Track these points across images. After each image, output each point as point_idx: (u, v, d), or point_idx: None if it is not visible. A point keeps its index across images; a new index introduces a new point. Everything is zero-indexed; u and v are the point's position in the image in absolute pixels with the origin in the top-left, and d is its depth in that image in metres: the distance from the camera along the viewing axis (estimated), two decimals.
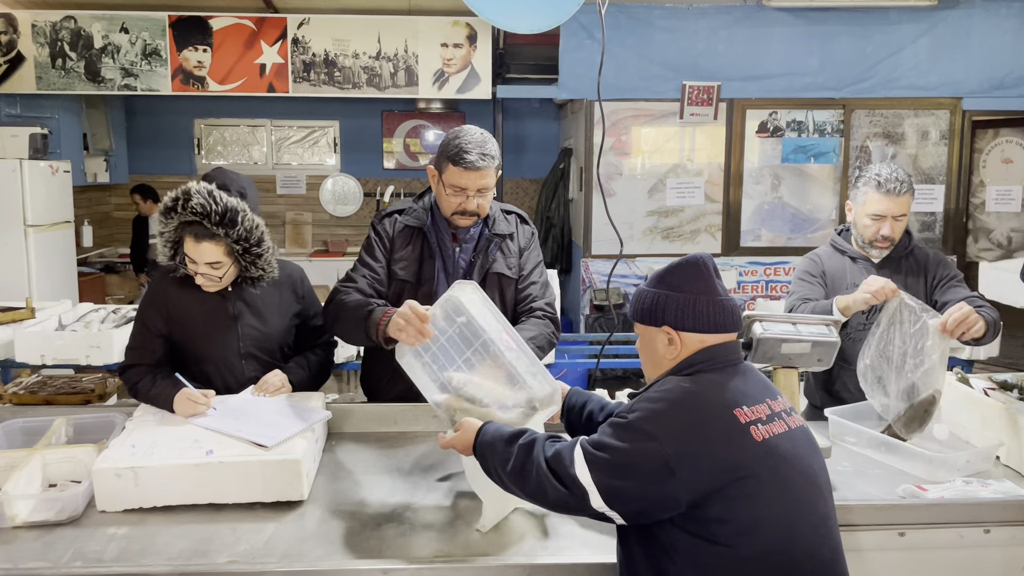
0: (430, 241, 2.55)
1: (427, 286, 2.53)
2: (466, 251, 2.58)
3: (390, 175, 8.60)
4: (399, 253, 2.56)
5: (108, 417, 2.41)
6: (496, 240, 2.58)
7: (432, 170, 2.52)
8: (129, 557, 1.79)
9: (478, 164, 2.39)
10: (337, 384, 6.67)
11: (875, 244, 2.80)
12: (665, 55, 6.35)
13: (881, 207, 2.75)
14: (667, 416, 1.55)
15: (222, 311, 2.49)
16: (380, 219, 2.62)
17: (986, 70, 6.36)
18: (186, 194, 2.35)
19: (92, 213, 7.95)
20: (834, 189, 6.63)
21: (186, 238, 2.38)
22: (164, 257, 2.45)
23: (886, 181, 2.74)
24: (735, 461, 1.52)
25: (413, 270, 2.54)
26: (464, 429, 1.81)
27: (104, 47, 6.33)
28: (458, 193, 2.44)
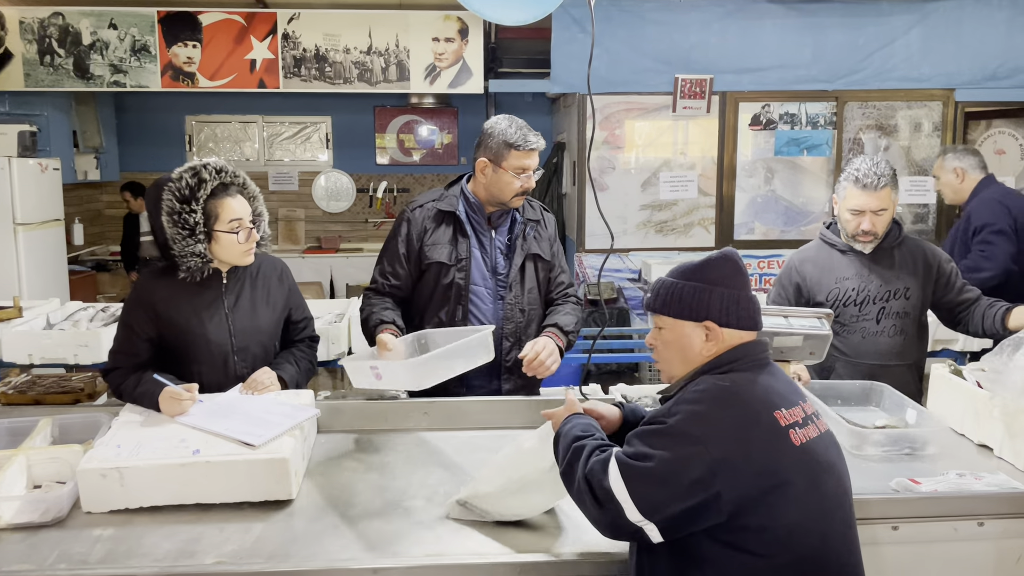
0: (463, 225, 2.72)
1: (463, 264, 2.71)
2: (501, 233, 2.78)
3: (383, 171, 8.57)
4: (431, 237, 2.73)
5: (94, 417, 2.38)
6: (532, 224, 2.79)
7: (484, 162, 2.68)
8: (115, 559, 1.77)
9: (539, 143, 2.68)
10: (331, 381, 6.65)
11: (857, 239, 2.80)
12: (657, 48, 6.32)
13: (859, 202, 2.75)
14: (710, 418, 1.49)
15: (215, 306, 2.46)
16: (412, 209, 2.78)
17: (978, 61, 6.35)
18: (193, 168, 2.39)
19: (83, 211, 7.90)
20: (827, 182, 6.62)
21: (224, 202, 2.39)
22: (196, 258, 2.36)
23: (864, 176, 2.74)
24: (776, 466, 1.48)
25: (447, 252, 2.71)
26: (567, 405, 1.81)
27: (93, 43, 6.28)
28: (520, 175, 2.65)
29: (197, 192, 2.36)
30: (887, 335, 2.81)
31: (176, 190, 2.36)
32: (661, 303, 1.69)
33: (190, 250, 2.36)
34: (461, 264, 2.70)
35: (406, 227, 2.75)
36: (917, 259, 2.86)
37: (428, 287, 2.74)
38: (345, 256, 7.99)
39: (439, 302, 2.72)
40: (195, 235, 2.35)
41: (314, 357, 2.71)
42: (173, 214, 2.35)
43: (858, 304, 2.81)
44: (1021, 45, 6.30)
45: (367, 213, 8.61)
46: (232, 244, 2.41)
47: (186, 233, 2.35)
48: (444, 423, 2.56)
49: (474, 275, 2.72)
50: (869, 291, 2.81)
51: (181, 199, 2.35)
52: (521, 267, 2.75)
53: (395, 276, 2.75)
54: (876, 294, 2.80)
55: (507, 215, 2.78)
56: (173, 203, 2.35)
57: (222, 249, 2.41)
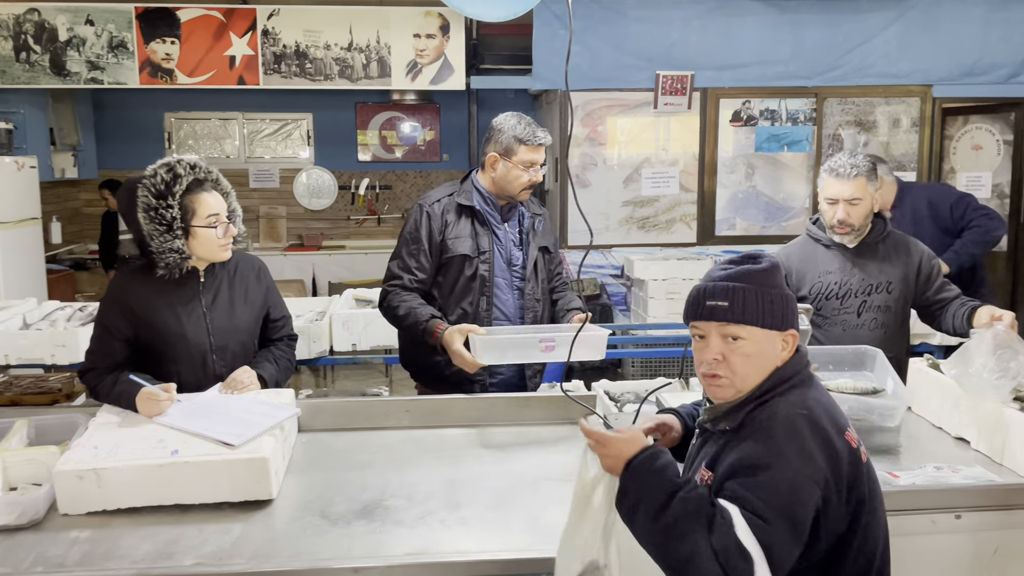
0: (481, 218, 2.80)
1: (486, 256, 2.79)
2: (512, 226, 2.87)
3: (365, 168, 8.53)
4: (454, 230, 2.79)
5: (71, 418, 2.36)
6: (539, 217, 2.92)
7: (494, 156, 2.77)
8: (93, 561, 1.75)
9: (546, 139, 2.77)
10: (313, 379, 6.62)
11: (835, 229, 2.85)
12: (639, 45, 6.33)
13: (833, 191, 2.83)
14: (812, 455, 1.43)
15: (192, 304, 2.44)
16: (430, 203, 2.83)
17: (955, 57, 6.41)
18: (167, 164, 2.37)
19: (60, 209, 7.81)
20: (807, 177, 6.66)
21: (200, 197, 2.38)
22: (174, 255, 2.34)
23: (838, 166, 2.82)
24: (860, 487, 1.49)
25: (470, 244, 2.78)
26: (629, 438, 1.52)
27: (69, 40, 6.20)
28: (528, 169, 2.74)
29: (173, 187, 2.33)
30: (867, 328, 2.84)
31: (151, 186, 2.33)
32: (748, 313, 1.53)
33: (168, 246, 2.33)
34: (484, 256, 2.78)
35: (426, 221, 2.79)
36: (901, 254, 2.89)
37: (450, 280, 2.80)
38: (327, 254, 7.95)
39: (461, 294, 2.78)
40: (172, 231, 2.33)
41: (293, 356, 2.69)
42: (149, 210, 2.33)
43: (839, 297, 2.85)
44: (997, 41, 6.36)
45: (349, 210, 8.57)
46: (211, 239, 2.39)
47: (163, 229, 2.33)
48: (425, 421, 2.55)
49: (495, 267, 2.81)
50: (851, 285, 2.85)
51: (157, 195, 2.33)
52: (535, 259, 2.87)
53: (420, 270, 2.78)
54: (858, 288, 2.84)
55: (515, 209, 2.87)
56: (149, 199, 2.33)
57: (200, 245, 2.39)
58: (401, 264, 2.80)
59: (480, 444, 2.42)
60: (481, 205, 2.82)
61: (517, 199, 2.82)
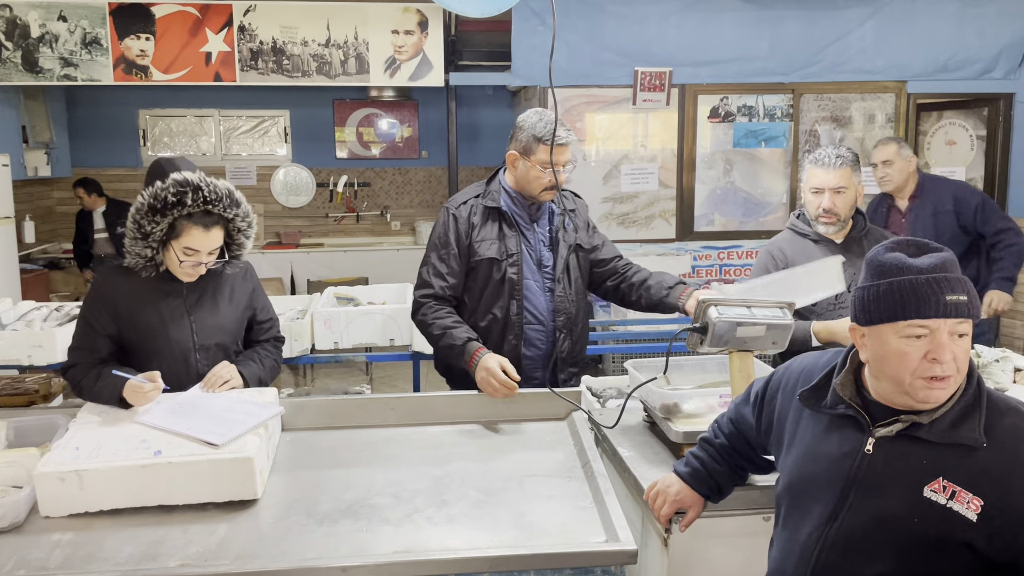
0: (508, 219, 2.75)
1: (514, 259, 2.73)
2: (542, 226, 2.80)
3: (343, 165, 8.49)
4: (480, 233, 2.74)
5: (51, 419, 2.33)
6: (570, 214, 2.83)
7: (514, 155, 2.72)
8: (75, 564, 1.73)
9: (568, 139, 2.67)
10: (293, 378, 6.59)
11: (820, 220, 2.88)
12: (617, 41, 6.34)
13: (818, 180, 2.86)
14: None
15: (176, 303, 2.42)
16: (456, 206, 2.78)
17: (930, 53, 6.48)
18: (185, 185, 2.29)
19: (33, 208, 7.71)
20: (784, 173, 6.71)
21: (190, 229, 2.31)
22: (141, 259, 2.33)
23: (822, 155, 2.87)
24: None
25: (497, 248, 2.72)
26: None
27: (42, 36, 6.11)
28: (548, 169, 2.65)
29: (171, 210, 2.29)
30: None
31: (153, 195, 2.29)
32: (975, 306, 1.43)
33: (137, 251, 2.33)
34: (513, 259, 2.72)
35: (453, 224, 2.74)
36: None
37: (479, 284, 2.75)
38: (306, 251, 7.91)
39: (492, 298, 2.73)
40: (147, 241, 2.32)
41: (279, 357, 2.68)
42: (139, 214, 2.31)
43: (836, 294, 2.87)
44: (971, 37, 6.43)
45: (327, 208, 8.52)
46: (175, 265, 2.38)
47: (140, 237, 2.31)
48: (410, 419, 2.55)
49: (524, 268, 2.75)
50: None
51: (151, 209, 2.29)
52: (567, 259, 2.79)
53: (451, 275, 2.73)
54: (850, 282, 2.86)
55: (544, 207, 2.81)
56: (143, 206, 2.30)
57: (169, 261, 2.38)
58: (432, 270, 2.75)
59: (466, 441, 2.42)
60: (508, 206, 2.76)
61: (539, 200, 2.75)
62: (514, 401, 2.56)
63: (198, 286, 2.45)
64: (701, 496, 1.89)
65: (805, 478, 1.59)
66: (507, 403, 2.56)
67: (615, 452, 2.28)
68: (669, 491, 1.90)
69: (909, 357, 1.41)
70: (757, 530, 1.95)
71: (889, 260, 1.44)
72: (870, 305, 1.45)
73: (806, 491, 1.58)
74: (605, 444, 2.37)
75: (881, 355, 1.45)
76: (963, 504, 1.39)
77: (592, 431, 2.43)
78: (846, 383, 1.56)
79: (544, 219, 2.82)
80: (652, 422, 2.40)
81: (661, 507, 1.90)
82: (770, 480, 2.02)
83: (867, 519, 1.47)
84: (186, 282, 2.44)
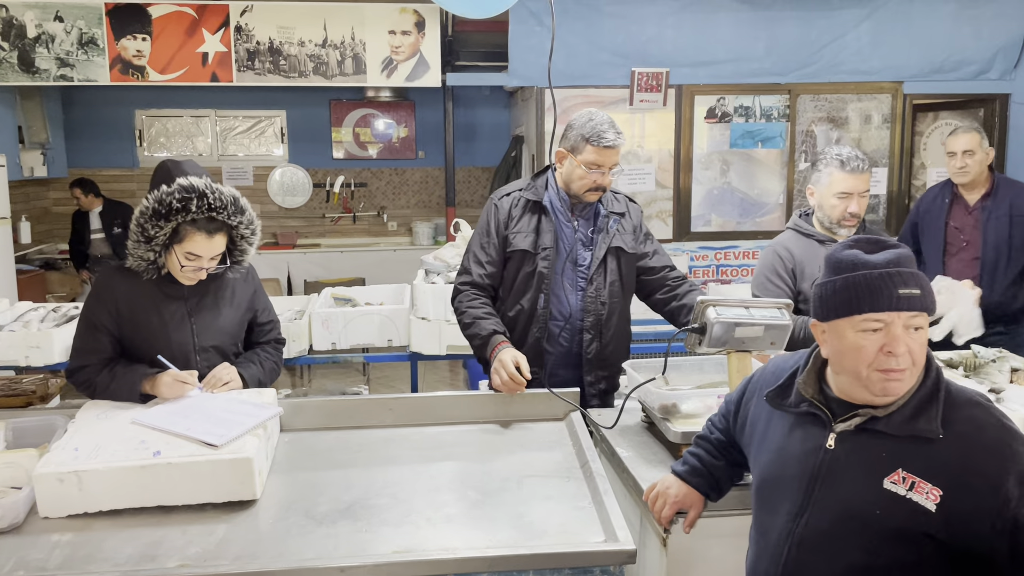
0: (548, 215, 2.75)
1: (546, 252, 2.74)
2: (582, 227, 2.80)
3: (340, 165, 8.48)
4: (517, 225, 2.76)
5: (49, 420, 2.33)
6: (615, 217, 2.80)
7: (562, 152, 2.75)
8: (74, 564, 1.73)
9: (616, 142, 2.66)
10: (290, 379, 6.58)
11: (843, 223, 2.89)
12: (614, 41, 6.35)
13: (847, 185, 2.84)
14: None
15: (177, 304, 2.42)
16: (499, 197, 2.82)
17: (926, 54, 6.49)
18: (191, 191, 2.27)
19: (30, 209, 7.70)
20: (781, 173, 6.72)
21: (193, 235, 2.30)
22: (143, 262, 2.33)
23: (849, 159, 2.84)
24: None
25: (531, 240, 2.74)
26: None
27: (38, 36, 6.10)
28: (593, 170, 2.66)
29: (175, 216, 2.28)
30: None
31: (158, 200, 2.28)
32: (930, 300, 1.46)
33: (139, 254, 2.33)
34: (545, 253, 2.74)
35: (494, 213, 2.79)
36: None
37: (510, 275, 2.79)
38: (302, 252, 7.90)
39: (520, 290, 2.76)
40: (151, 245, 2.31)
41: (279, 359, 2.67)
42: (143, 218, 2.30)
43: None
44: (967, 38, 6.45)
45: (324, 208, 8.52)
46: (176, 268, 2.38)
47: (143, 240, 2.31)
48: (408, 419, 2.55)
49: (556, 264, 2.75)
50: None
51: (155, 213, 2.28)
52: (603, 260, 2.77)
53: (491, 263, 2.77)
54: None
55: (591, 207, 2.80)
56: (147, 210, 2.29)
57: (170, 265, 2.38)
58: (473, 257, 2.80)
59: (464, 442, 2.42)
60: (551, 201, 2.77)
61: (583, 200, 2.74)
62: (513, 401, 2.56)
63: (199, 288, 2.45)
64: (701, 495, 1.90)
65: (772, 478, 1.62)
66: (506, 403, 2.56)
67: (614, 452, 2.28)
68: (668, 492, 1.90)
69: (865, 351, 1.44)
70: None
71: (845, 257, 1.48)
72: (828, 301, 1.49)
73: (774, 491, 1.60)
74: (603, 444, 2.38)
75: (839, 349, 1.48)
76: (922, 495, 1.41)
77: (590, 431, 2.44)
78: (808, 381, 1.59)
79: (589, 218, 2.81)
80: (651, 422, 2.41)
81: (661, 509, 1.90)
82: None
83: (832, 514, 1.49)
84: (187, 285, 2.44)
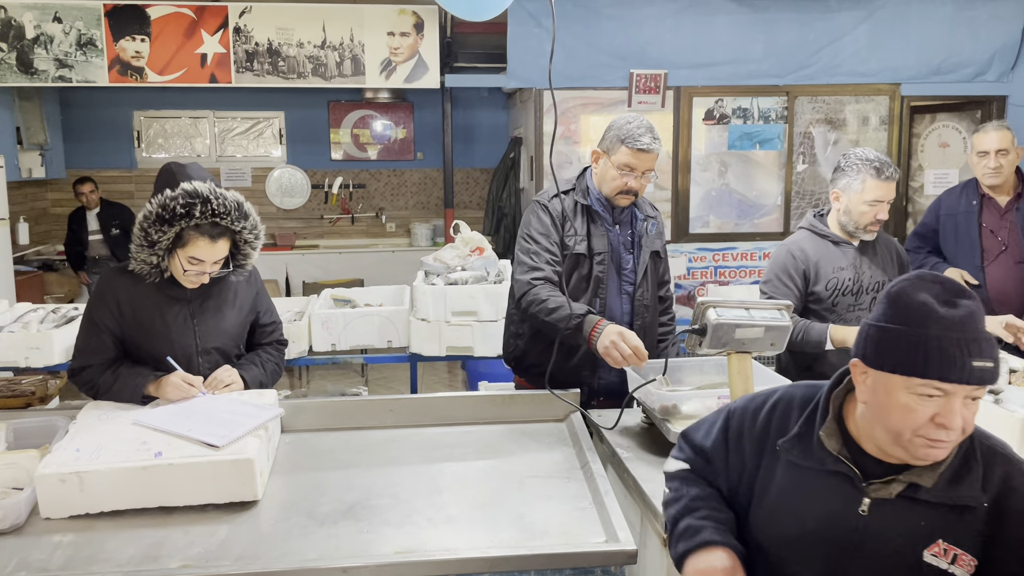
0: (596, 217, 2.73)
1: (601, 257, 2.71)
2: (624, 229, 2.78)
3: (338, 166, 8.49)
4: (571, 228, 2.72)
5: (50, 420, 2.32)
6: (651, 220, 2.83)
7: (598, 152, 2.74)
8: (76, 565, 1.73)
9: (651, 147, 2.63)
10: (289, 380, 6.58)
11: (868, 229, 2.91)
12: (613, 43, 6.36)
13: (880, 193, 2.84)
14: None
15: (180, 306, 2.42)
16: (549, 199, 2.76)
17: (923, 56, 6.51)
18: (195, 196, 2.27)
19: (28, 209, 7.69)
20: (779, 175, 6.74)
21: (196, 240, 2.30)
22: (146, 266, 2.33)
23: (884, 167, 2.84)
24: None
25: (587, 244, 2.71)
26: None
27: (36, 37, 6.10)
28: (626, 173, 2.64)
29: (179, 221, 2.28)
30: None
31: (162, 205, 2.28)
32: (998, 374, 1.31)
33: (143, 257, 2.33)
34: (600, 257, 2.71)
35: (548, 216, 2.72)
36: (891, 251, 3.04)
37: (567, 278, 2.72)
38: (301, 253, 7.90)
39: (573, 295, 2.66)
40: (154, 249, 2.31)
41: (281, 360, 2.67)
42: (146, 223, 2.30)
43: (854, 293, 2.93)
44: (964, 40, 6.47)
45: (322, 209, 8.52)
46: (179, 272, 2.37)
47: (146, 245, 2.31)
48: (409, 420, 2.55)
49: (610, 267, 2.73)
50: (862, 281, 2.94)
51: (158, 218, 2.28)
52: (645, 265, 2.78)
53: (559, 263, 2.68)
54: (868, 284, 2.94)
55: (628, 211, 2.79)
56: (151, 215, 2.29)
57: (172, 268, 2.37)
58: (542, 258, 2.66)
59: (465, 443, 2.43)
60: (596, 203, 2.75)
61: (614, 203, 2.72)
62: (513, 402, 2.57)
63: (202, 291, 2.45)
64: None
65: (786, 539, 1.44)
66: (506, 404, 2.57)
67: (614, 453, 2.29)
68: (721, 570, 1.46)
69: (916, 415, 1.29)
70: None
71: (916, 305, 1.30)
72: (886, 350, 1.31)
73: (791, 552, 1.44)
74: (604, 445, 2.38)
75: (884, 404, 1.32)
76: (964, 567, 1.33)
77: (591, 432, 2.44)
78: (831, 433, 1.43)
79: (627, 222, 2.80)
80: (651, 423, 2.41)
81: None
82: None
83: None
84: None
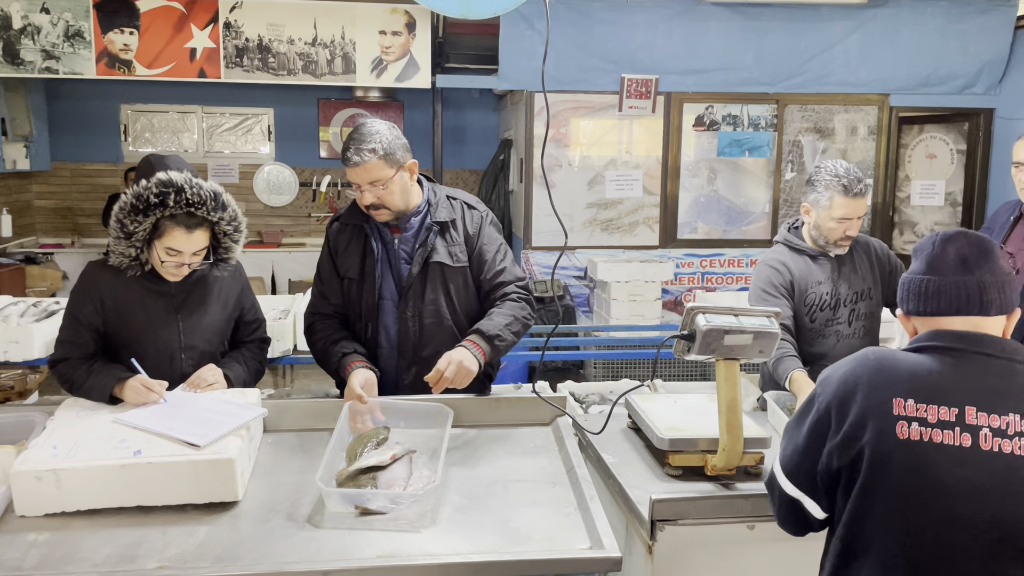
0: (371, 237, 2.59)
1: (369, 281, 2.58)
2: (406, 241, 2.59)
3: (326, 164, 8.45)
4: (343, 254, 2.61)
5: (27, 416, 2.29)
6: (435, 228, 2.57)
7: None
8: (51, 564, 1.70)
9: (353, 159, 2.44)
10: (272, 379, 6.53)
11: (839, 244, 2.84)
12: (605, 48, 6.36)
13: (848, 210, 2.78)
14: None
15: (164, 300, 2.39)
16: (330, 223, 2.69)
17: (913, 68, 6.55)
18: (168, 185, 2.24)
19: (11, 202, 7.60)
20: (768, 183, 6.76)
21: (172, 230, 2.27)
22: (125, 258, 2.30)
23: (851, 184, 2.76)
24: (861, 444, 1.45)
25: (357, 268, 2.59)
26: None
27: (24, 28, 6.03)
28: (356, 189, 2.49)
29: (153, 211, 2.25)
30: (858, 337, 2.86)
31: (136, 195, 2.25)
32: None
33: (121, 250, 2.30)
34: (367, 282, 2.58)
35: (325, 247, 2.68)
36: (871, 257, 2.94)
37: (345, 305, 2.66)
38: (287, 251, 7.86)
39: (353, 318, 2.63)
40: (131, 241, 2.28)
41: (264, 358, 2.65)
42: (121, 213, 2.27)
43: (832, 308, 2.85)
44: (954, 52, 6.52)
45: (310, 207, 8.48)
46: (159, 264, 2.35)
47: (123, 236, 2.28)
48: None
49: (383, 288, 2.58)
50: (840, 294, 2.86)
51: (133, 208, 2.25)
52: (421, 276, 2.56)
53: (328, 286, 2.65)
54: (846, 296, 2.86)
55: (414, 218, 2.59)
56: (126, 205, 2.26)
57: (153, 260, 2.35)
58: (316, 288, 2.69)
59: (450, 446, 2.40)
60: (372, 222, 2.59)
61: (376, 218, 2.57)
62: (499, 406, 2.55)
63: (186, 286, 2.42)
64: None
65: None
66: (492, 408, 2.55)
67: (600, 458, 2.27)
68: None
69: None
70: (741, 538, 1.95)
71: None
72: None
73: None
74: (590, 450, 2.37)
75: None
76: None
77: (577, 437, 2.42)
78: None
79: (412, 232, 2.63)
80: (637, 428, 2.40)
81: None
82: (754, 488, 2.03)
83: None
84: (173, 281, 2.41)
